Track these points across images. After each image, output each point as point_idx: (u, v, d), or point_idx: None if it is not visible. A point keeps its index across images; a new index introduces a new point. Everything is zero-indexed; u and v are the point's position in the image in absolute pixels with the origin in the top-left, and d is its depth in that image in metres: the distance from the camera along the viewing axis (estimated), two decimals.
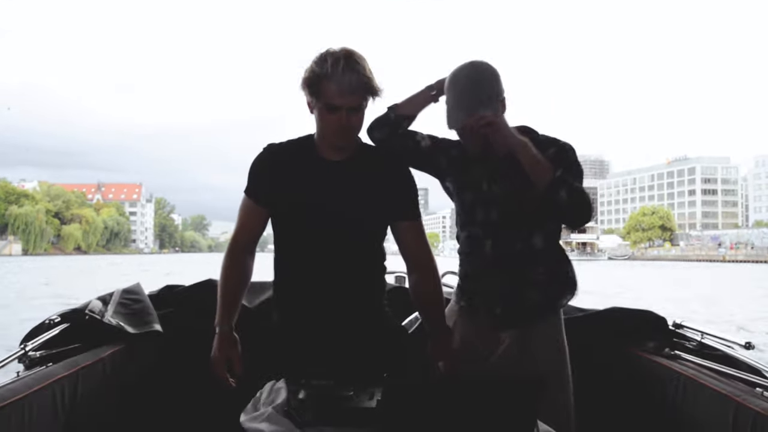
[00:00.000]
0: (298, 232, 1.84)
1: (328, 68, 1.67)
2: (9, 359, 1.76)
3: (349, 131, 1.77)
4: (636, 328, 2.34)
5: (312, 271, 1.83)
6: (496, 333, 2.01)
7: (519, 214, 1.96)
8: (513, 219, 1.97)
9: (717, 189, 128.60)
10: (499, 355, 1.99)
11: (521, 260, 1.98)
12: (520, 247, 1.98)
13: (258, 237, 1.93)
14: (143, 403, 2.12)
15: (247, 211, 1.89)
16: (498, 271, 2.00)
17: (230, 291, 1.85)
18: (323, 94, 1.70)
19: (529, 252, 1.98)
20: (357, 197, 1.82)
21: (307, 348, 1.82)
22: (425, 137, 2.06)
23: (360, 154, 1.87)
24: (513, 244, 1.98)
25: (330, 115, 1.72)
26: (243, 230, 1.90)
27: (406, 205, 1.89)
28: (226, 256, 1.88)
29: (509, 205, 1.96)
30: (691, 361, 2.07)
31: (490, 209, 2.00)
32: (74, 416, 1.74)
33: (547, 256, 2.01)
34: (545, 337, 1.99)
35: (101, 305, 2.18)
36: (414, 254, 1.92)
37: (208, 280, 2.51)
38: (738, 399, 1.69)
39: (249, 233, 1.90)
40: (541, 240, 1.99)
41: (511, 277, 1.99)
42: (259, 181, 1.86)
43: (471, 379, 1.73)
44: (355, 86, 1.68)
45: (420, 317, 2.05)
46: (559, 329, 2.02)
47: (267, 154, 1.88)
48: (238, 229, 1.91)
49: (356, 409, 1.43)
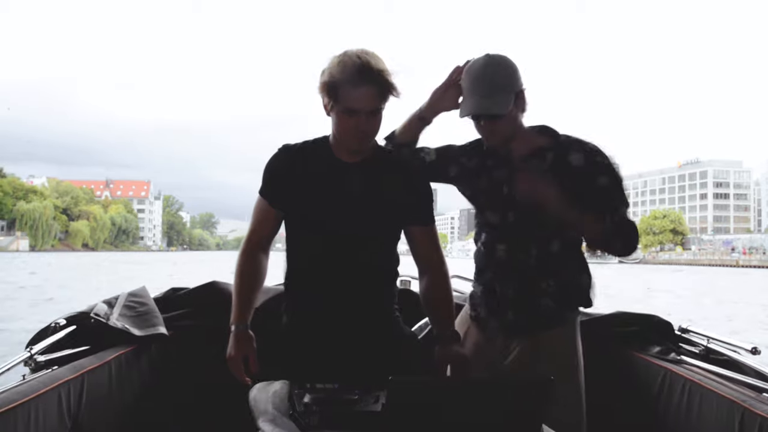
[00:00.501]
0: (310, 234, 1.84)
1: (347, 72, 1.66)
2: (15, 362, 1.77)
3: (367, 135, 1.76)
4: (642, 333, 2.33)
5: (323, 274, 1.83)
6: (507, 341, 1.97)
7: (536, 218, 1.86)
8: (529, 223, 1.90)
9: (729, 193, 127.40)
10: (509, 362, 1.96)
11: (535, 267, 1.92)
12: (535, 252, 1.91)
13: (272, 237, 1.93)
14: (149, 405, 2.11)
15: (261, 212, 1.89)
16: (510, 276, 1.95)
17: (245, 290, 1.83)
18: (341, 98, 1.69)
19: (545, 258, 1.91)
20: (372, 200, 1.82)
21: (314, 351, 1.81)
22: (431, 151, 2.03)
23: (376, 157, 1.86)
24: (528, 250, 1.92)
25: (348, 118, 1.71)
26: (257, 230, 1.90)
27: (421, 210, 1.88)
28: (241, 255, 1.88)
29: (526, 208, 1.86)
30: (697, 365, 2.05)
31: (507, 213, 1.94)
32: (80, 419, 1.74)
33: (564, 263, 1.94)
34: (557, 345, 1.95)
35: (107, 308, 2.19)
36: (426, 257, 1.90)
37: (212, 283, 2.53)
38: (744, 404, 1.68)
39: (263, 233, 1.90)
40: (558, 246, 1.92)
41: (523, 283, 1.93)
42: (273, 182, 1.86)
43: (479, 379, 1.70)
44: (374, 91, 1.67)
45: (429, 322, 2.05)
46: (572, 338, 1.98)
47: (282, 155, 1.87)
48: (252, 229, 1.91)
49: (361, 413, 1.43)
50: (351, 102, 1.68)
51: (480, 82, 1.81)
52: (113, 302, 2.28)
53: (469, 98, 1.84)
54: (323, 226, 1.81)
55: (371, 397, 1.51)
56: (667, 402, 2.03)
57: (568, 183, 1.82)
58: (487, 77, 1.80)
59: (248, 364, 1.75)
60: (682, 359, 2.12)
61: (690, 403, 1.91)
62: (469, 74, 1.85)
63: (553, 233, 1.90)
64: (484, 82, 1.80)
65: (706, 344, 2.19)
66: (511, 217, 1.92)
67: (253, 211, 1.91)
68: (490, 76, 1.80)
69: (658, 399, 2.07)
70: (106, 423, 1.87)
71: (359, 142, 1.76)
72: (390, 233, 1.87)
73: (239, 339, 1.77)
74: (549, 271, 1.92)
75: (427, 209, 1.88)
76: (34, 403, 1.57)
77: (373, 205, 1.81)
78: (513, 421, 1.22)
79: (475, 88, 1.82)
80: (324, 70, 1.71)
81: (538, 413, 1.24)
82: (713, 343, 2.18)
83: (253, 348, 1.78)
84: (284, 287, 1.94)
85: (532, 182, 1.81)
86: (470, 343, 2.00)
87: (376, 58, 1.69)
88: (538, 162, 1.87)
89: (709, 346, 2.18)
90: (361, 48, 1.71)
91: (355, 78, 1.65)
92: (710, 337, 2.20)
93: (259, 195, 1.89)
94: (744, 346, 2.07)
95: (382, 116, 1.75)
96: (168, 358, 2.25)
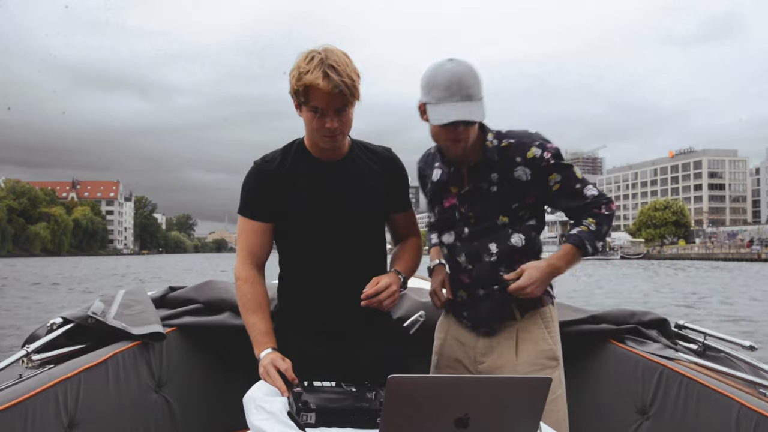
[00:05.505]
0: (300, 236, 1.85)
1: (312, 71, 1.66)
2: (11, 361, 1.79)
3: (336, 133, 1.75)
4: (639, 330, 2.32)
5: (315, 272, 1.83)
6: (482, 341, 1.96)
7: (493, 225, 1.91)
8: (486, 230, 1.92)
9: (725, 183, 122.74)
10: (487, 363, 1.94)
11: (496, 266, 1.90)
12: (495, 250, 1.90)
13: (266, 256, 1.90)
14: (146, 404, 2.08)
15: (248, 231, 1.86)
16: (475, 281, 1.93)
17: (258, 321, 1.78)
18: (309, 98, 1.69)
19: (505, 256, 1.90)
20: (356, 195, 1.84)
21: (309, 350, 1.80)
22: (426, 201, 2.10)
23: (353, 153, 1.89)
24: (486, 252, 1.90)
25: (317, 118, 1.72)
26: (252, 252, 1.86)
27: (402, 198, 1.96)
28: (239, 288, 1.84)
29: (482, 221, 1.91)
30: (695, 362, 2.06)
31: (462, 230, 1.95)
32: (77, 418, 1.74)
33: (525, 254, 1.92)
34: (530, 341, 1.92)
35: (104, 307, 2.19)
36: (405, 236, 2.00)
37: (210, 281, 2.54)
38: (741, 401, 1.71)
39: (257, 254, 1.86)
40: (520, 240, 1.91)
41: (487, 281, 1.91)
42: (255, 198, 1.85)
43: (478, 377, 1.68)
44: (340, 89, 1.66)
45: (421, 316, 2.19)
46: (545, 332, 1.94)
47: (258, 169, 1.86)
48: (245, 252, 1.85)
49: (358, 410, 1.45)
50: (318, 101, 1.68)
51: (457, 86, 1.74)
52: (110, 301, 2.27)
53: (446, 104, 1.75)
54: (311, 227, 1.82)
55: (369, 395, 1.53)
56: (663, 399, 2.02)
57: (520, 197, 1.88)
58: (462, 82, 1.75)
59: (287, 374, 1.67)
60: (679, 356, 2.10)
61: (687, 400, 1.91)
62: (437, 79, 1.77)
63: (510, 230, 1.90)
64: (461, 86, 1.74)
65: (704, 341, 2.21)
66: (466, 233, 1.93)
67: (239, 235, 1.88)
68: (465, 80, 1.75)
69: (654, 396, 2.05)
70: (102, 422, 1.85)
71: (330, 140, 1.76)
72: (376, 225, 1.91)
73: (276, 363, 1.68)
74: (509, 267, 1.88)
75: (406, 196, 1.98)
76: (30, 402, 1.57)
77: (358, 200, 1.84)
78: (511, 419, 1.22)
79: (452, 94, 1.75)
80: (292, 70, 1.71)
81: (535, 411, 1.24)
82: (710, 340, 2.20)
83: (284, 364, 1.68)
84: (278, 289, 1.92)
85: (534, 285, 1.80)
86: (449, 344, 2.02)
87: (341, 55, 1.69)
88: (486, 185, 1.89)
89: (707, 342, 2.21)
90: (326, 46, 1.71)
91: (320, 77, 1.64)
92: (707, 334, 2.22)
93: (241, 216, 1.86)
94: (741, 343, 2.11)
95: (352, 114, 1.75)
96: (165, 356, 2.20)
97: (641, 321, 2.33)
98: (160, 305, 2.42)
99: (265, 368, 1.67)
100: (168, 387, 2.18)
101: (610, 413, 2.22)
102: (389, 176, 1.90)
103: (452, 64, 1.77)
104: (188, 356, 2.30)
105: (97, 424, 1.81)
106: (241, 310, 1.82)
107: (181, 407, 2.21)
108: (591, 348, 2.31)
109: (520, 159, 1.86)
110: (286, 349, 1.76)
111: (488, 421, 1.19)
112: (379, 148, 1.95)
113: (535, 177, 1.85)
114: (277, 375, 1.64)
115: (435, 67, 1.79)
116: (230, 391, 1.81)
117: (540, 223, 1.96)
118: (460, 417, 1.17)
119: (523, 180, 1.86)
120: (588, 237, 1.84)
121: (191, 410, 2.26)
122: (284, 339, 1.80)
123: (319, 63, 1.65)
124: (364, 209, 1.84)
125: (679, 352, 2.15)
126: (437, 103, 1.77)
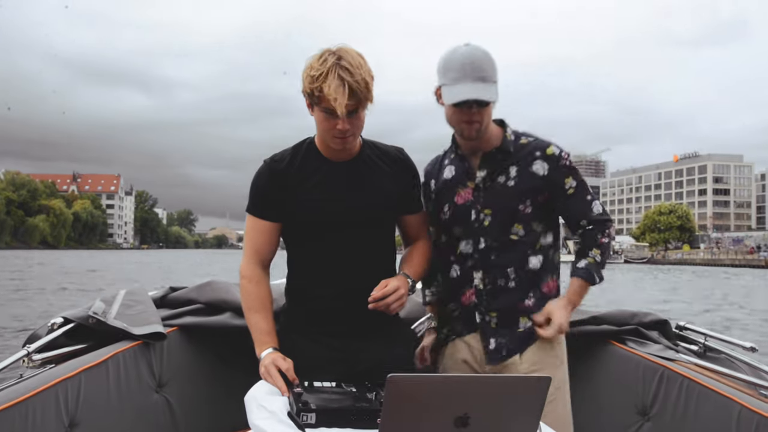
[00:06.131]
0: (310, 237, 1.83)
1: (325, 73, 1.63)
2: (12, 361, 1.78)
3: (348, 136, 1.73)
4: (639, 331, 2.31)
5: (323, 274, 1.82)
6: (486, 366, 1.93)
7: (507, 241, 1.89)
8: (503, 246, 1.89)
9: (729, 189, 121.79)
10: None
11: (516, 288, 1.89)
12: (513, 275, 1.89)
13: (272, 256, 1.89)
14: (146, 404, 2.08)
15: (256, 231, 1.85)
16: (491, 303, 1.91)
17: (260, 320, 1.79)
18: (321, 99, 1.66)
19: (524, 284, 1.90)
20: (367, 196, 1.82)
21: (313, 350, 1.78)
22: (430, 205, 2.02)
23: (364, 153, 1.86)
24: (504, 276, 1.89)
25: (329, 119, 1.69)
26: (259, 251, 1.85)
27: (413, 199, 1.93)
28: (243, 287, 1.83)
29: (499, 215, 1.89)
30: (695, 363, 2.06)
31: (478, 240, 1.91)
32: (78, 418, 1.74)
33: (542, 276, 1.93)
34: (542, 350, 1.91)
35: (104, 307, 2.18)
36: (415, 238, 1.96)
37: (211, 282, 2.54)
38: (742, 402, 1.71)
39: (263, 253, 1.86)
40: (538, 262, 1.92)
41: (505, 308, 1.90)
42: (264, 198, 1.83)
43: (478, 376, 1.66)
44: (353, 91, 1.64)
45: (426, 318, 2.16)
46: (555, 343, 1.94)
47: (268, 168, 1.84)
48: (252, 252, 1.84)
49: (358, 411, 1.45)
50: (329, 103, 1.64)
51: (470, 68, 1.76)
52: (111, 301, 2.26)
53: (460, 84, 1.77)
54: (321, 228, 1.80)
55: (369, 395, 1.52)
56: (664, 400, 2.02)
57: (535, 193, 1.88)
58: (476, 64, 1.76)
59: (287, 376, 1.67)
60: (680, 357, 2.10)
61: (687, 401, 1.91)
62: (452, 61, 1.79)
63: (528, 251, 1.90)
64: (474, 68, 1.76)
65: (704, 342, 2.21)
66: (482, 244, 1.90)
67: (246, 233, 1.86)
68: (479, 63, 1.77)
69: (655, 397, 2.05)
70: (103, 422, 1.84)
71: (341, 141, 1.74)
72: (386, 226, 1.88)
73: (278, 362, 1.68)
74: (530, 288, 1.89)
75: (417, 198, 1.95)
76: (31, 402, 1.57)
77: (368, 201, 1.81)
78: (511, 418, 1.22)
79: (466, 75, 1.76)
80: (304, 71, 1.69)
81: (535, 410, 1.24)
82: (711, 341, 2.20)
83: (285, 364, 1.68)
84: (285, 289, 1.91)
85: (564, 326, 1.83)
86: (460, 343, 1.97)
87: (355, 56, 1.67)
88: (503, 178, 1.89)
89: (707, 343, 2.20)
90: (341, 45, 1.69)
91: (333, 79, 1.62)
92: (708, 335, 2.22)
93: (249, 215, 1.84)
94: (742, 344, 2.10)
95: (364, 116, 1.73)
96: (166, 356, 2.20)
97: (642, 322, 2.34)
98: (161, 305, 2.41)
99: (266, 368, 1.67)
100: (169, 387, 2.18)
101: (610, 414, 2.23)
102: (400, 177, 1.87)
103: (468, 48, 1.78)
104: (189, 356, 2.30)
105: (98, 424, 1.80)
106: (245, 309, 1.82)
107: (181, 407, 2.21)
108: (592, 349, 2.32)
109: (539, 153, 1.88)
110: (289, 349, 1.75)
111: (488, 420, 1.19)
112: (390, 149, 1.92)
113: (552, 174, 1.87)
114: (277, 375, 1.64)
115: (451, 50, 1.81)
116: (231, 391, 1.82)
117: (556, 240, 1.96)
118: (459, 416, 1.17)
119: (540, 174, 1.87)
120: (596, 269, 1.90)
121: (192, 410, 2.25)
122: (288, 339, 1.79)
123: (332, 65, 1.62)
124: (374, 210, 1.81)
125: (680, 353, 2.16)
126: (452, 84, 1.77)
